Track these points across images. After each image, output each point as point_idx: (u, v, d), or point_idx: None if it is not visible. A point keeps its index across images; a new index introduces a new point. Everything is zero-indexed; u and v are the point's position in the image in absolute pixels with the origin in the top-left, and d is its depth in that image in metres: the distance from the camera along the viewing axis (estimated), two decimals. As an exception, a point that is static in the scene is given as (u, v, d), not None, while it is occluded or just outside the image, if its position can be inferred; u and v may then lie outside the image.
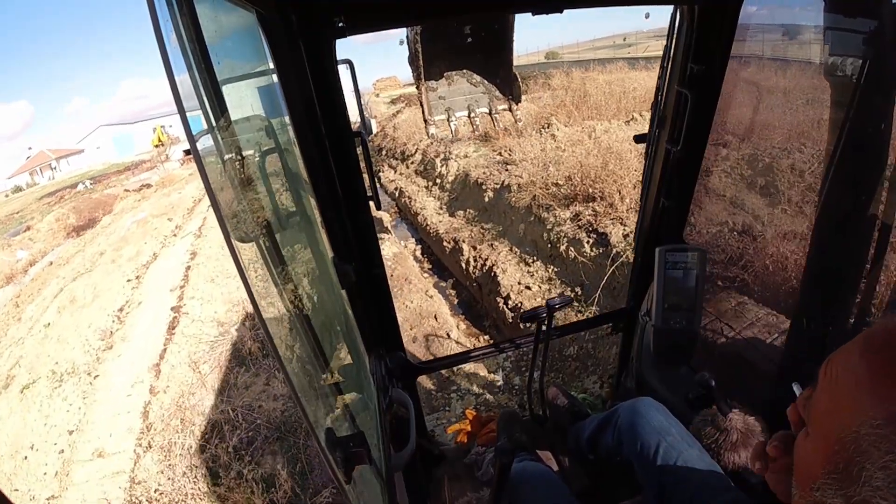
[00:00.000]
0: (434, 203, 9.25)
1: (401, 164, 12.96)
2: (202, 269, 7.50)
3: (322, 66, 1.10)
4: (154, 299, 6.78)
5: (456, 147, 9.81)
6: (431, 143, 11.11)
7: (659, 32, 26.64)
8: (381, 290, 1.58)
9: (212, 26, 0.68)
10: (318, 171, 1.18)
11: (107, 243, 10.92)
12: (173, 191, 15.60)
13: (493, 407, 4.00)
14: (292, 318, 0.90)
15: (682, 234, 1.76)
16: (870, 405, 0.39)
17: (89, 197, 20.81)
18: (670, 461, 1.21)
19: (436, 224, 8.15)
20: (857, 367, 0.42)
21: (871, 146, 1.32)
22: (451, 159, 9.47)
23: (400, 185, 11.51)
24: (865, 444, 0.39)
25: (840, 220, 1.43)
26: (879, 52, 1.17)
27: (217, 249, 8.21)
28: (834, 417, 0.44)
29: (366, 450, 0.84)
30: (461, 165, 9.05)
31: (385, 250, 7.08)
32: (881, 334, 0.42)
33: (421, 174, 11.23)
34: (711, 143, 1.63)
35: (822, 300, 1.53)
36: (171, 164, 25.50)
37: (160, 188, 17.77)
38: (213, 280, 6.99)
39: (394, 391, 1.49)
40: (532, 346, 1.90)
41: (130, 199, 16.86)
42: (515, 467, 1.42)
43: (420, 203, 9.50)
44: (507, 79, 9.78)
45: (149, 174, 24.09)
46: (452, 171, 9.22)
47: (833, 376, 0.46)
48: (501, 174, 7.36)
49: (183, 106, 0.51)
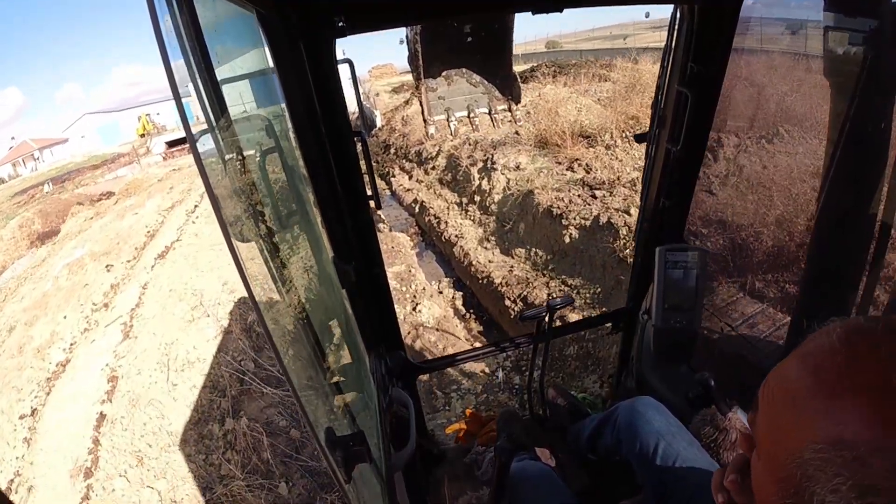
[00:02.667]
0: (475, 231, 6.87)
1: (417, 169, 10.41)
2: (133, 418, 3.84)
3: (322, 65, 1.10)
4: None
5: (501, 153, 7.29)
6: (464, 145, 8.65)
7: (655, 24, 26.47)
8: (381, 289, 1.58)
9: (211, 25, 0.68)
10: (319, 171, 1.18)
11: (21, 308, 7.42)
12: (133, 207, 12.53)
13: (493, 406, 4.00)
14: (292, 318, 0.90)
15: (683, 234, 1.76)
16: (811, 428, 0.39)
17: (58, 198, 18.26)
18: (670, 460, 1.21)
19: (484, 265, 5.84)
20: (795, 387, 0.42)
21: (871, 145, 1.32)
22: (497, 170, 7.05)
23: (420, 197, 9.05)
24: (812, 469, 0.38)
25: (840, 220, 1.43)
26: (879, 51, 1.17)
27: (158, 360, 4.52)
28: (776, 440, 0.43)
29: (366, 449, 0.85)
30: (513, 181, 6.64)
31: (424, 304, 5.37)
32: (815, 355, 0.42)
33: (448, 185, 8.70)
34: (712, 143, 1.63)
35: (822, 299, 1.53)
36: (152, 157, 23.81)
37: (122, 198, 14.85)
38: (141, 460, 3.44)
39: (394, 391, 1.49)
40: (532, 345, 1.90)
41: (83, 216, 13.82)
42: (515, 467, 1.42)
43: (454, 227, 7.20)
44: (506, 79, 9.88)
45: (126, 170, 21.98)
46: (499, 188, 6.86)
47: (770, 397, 0.45)
48: (589, 204, 5.04)
49: (183, 105, 0.51)
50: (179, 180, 14.79)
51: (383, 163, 12.38)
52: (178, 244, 7.99)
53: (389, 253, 7.05)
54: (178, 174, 16.63)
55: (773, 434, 0.44)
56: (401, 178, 10.80)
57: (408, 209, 9.53)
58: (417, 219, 8.91)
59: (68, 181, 23.06)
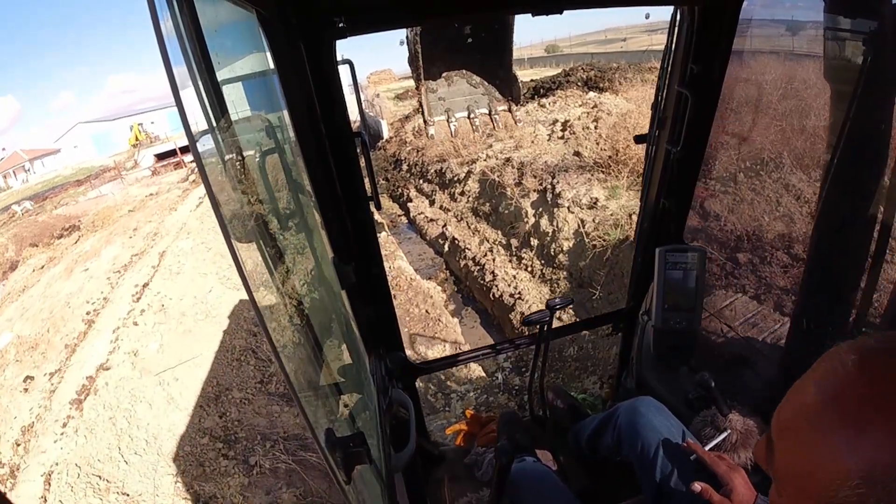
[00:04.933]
0: (538, 289, 5.09)
1: (440, 192, 8.46)
2: None
3: (322, 66, 1.10)
4: None
5: (564, 182, 5.35)
6: (505, 166, 6.61)
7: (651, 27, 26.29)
8: (381, 290, 1.58)
9: (212, 26, 0.68)
10: (319, 172, 1.18)
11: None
12: (87, 257, 10.20)
13: (493, 407, 4.00)
14: (292, 319, 0.90)
15: (682, 235, 1.76)
16: (840, 464, 0.38)
17: (35, 220, 17.00)
18: (670, 461, 1.21)
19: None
20: (815, 421, 0.40)
21: (871, 147, 1.32)
22: (562, 206, 5.18)
23: (450, 232, 7.02)
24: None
25: (840, 221, 1.43)
26: (879, 52, 1.17)
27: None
28: (803, 476, 0.42)
29: (366, 450, 0.85)
30: (589, 222, 4.85)
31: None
32: (834, 387, 0.40)
33: (487, 218, 6.63)
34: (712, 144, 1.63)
35: (822, 300, 1.53)
36: (140, 171, 22.13)
37: (86, 234, 12.96)
38: None
39: (394, 391, 1.49)
40: (532, 346, 1.90)
41: (33, 262, 11.94)
42: (515, 468, 1.42)
43: (505, 281, 5.34)
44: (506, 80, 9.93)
45: (110, 187, 20.37)
46: (567, 231, 5.03)
47: (791, 431, 0.43)
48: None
49: (183, 107, 0.51)
50: (150, 214, 12.86)
51: (395, 182, 10.81)
52: (105, 379, 5.00)
53: (411, 306, 5.56)
54: (154, 202, 14.80)
55: (799, 470, 0.42)
56: (419, 203, 8.77)
57: (433, 244, 7.52)
58: (448, 260, 6.77)
59: (51, 197, 21.92)
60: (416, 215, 8.64)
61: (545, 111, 9.21)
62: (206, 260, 7.78)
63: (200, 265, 7.61)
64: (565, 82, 10.44)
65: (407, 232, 8.82)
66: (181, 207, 12.54)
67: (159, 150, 24.44)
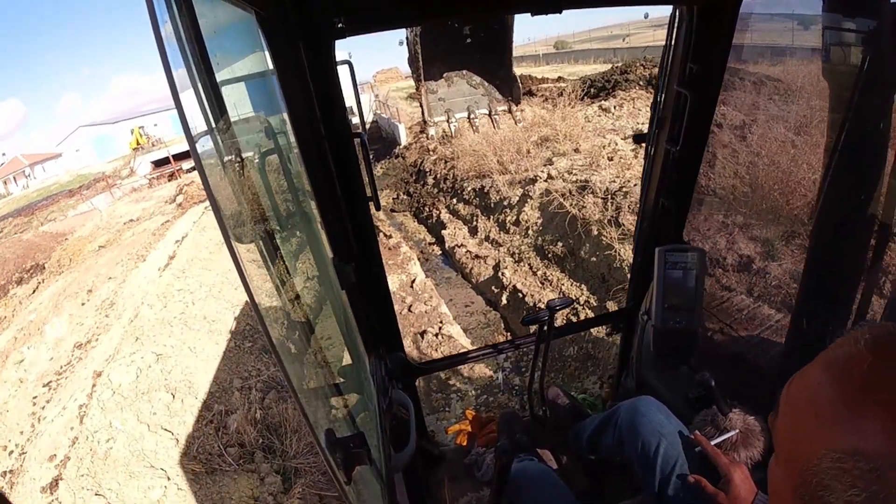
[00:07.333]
0: None
1: (484, 218, 6.54)
2: None
3: (321, 66, 1.10)
4: None
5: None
6: (583, 191, 4.86)
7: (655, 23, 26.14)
8: (381, 290, 1.58)
9: (211, 27, 0.68)
10: (318, 172, 1.18)
11: None
12: (31, 332, 7.46)
13: (493, 407, 4.00)
14: (292, 319, 0.90)
15: (682, 234, 1.77)
16: (830, 436, 0.39)
17: (19, 238, 15.36)
18: (671, 461, 1.21)
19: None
20: (817, 394, 0.41)
21: (870, 146, 1.32)
22: None
23: (508, 278, 5.07)
24: (828, 479, 0.38)
25: (840, 220, 1.43)
26: (879, 51, 1.17)
27: None
28: (795, 445, 0.43)
29: (366, 450, 0.85)
30: None
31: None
32: (840, 361, 0.41)
33: (562, 264, 4.78)
34: (711, 143, 1.63)
35: (821, 299, 1.53)
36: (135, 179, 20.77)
37: (49, 278, 10.96)
38: None
39: (394, 392, 1.49)
40: (532, 346, 1.90)
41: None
42: (516, 467, 1.42)
43: None
44: (506, 80, 9.93)
45: (101, 198, 19.02)
46: None
47: (793, 402, 0.45)
48: None
49: (183, 110, 0.51)
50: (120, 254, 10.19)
51: (419, 197, 8.95)
52: None
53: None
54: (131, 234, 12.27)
55: (793, 440, 0.44)
56: (456, 230, 6.77)
57: (482, 290, 5.45)
58: (508, 318, 4.85)
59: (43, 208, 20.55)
60: (453, 246, 6.59)
61: (610, 116, 7.56)
62: (169, 405, 3.96)
63: (156, 417, 3.83)
64: (623, 81, 8.87)
65: (444, 268, 6.74)
66: (153, 255, 8.77)
67: (156, 157, 23.37)
